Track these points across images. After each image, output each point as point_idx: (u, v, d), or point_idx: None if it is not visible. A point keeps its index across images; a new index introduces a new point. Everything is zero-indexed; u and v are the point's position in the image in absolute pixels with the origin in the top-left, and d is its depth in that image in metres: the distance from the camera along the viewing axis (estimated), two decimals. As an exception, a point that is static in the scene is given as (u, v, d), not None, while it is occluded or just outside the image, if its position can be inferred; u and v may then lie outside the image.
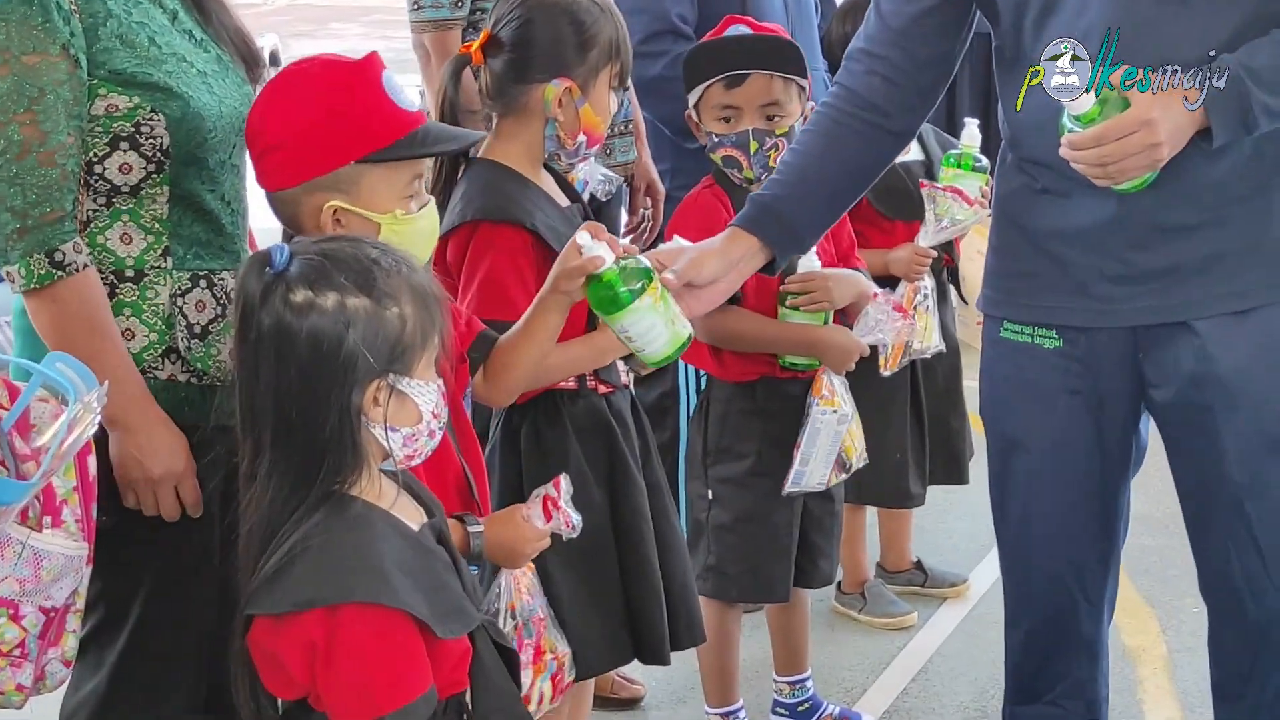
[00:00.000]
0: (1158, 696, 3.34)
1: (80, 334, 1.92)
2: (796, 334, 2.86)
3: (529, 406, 2.40)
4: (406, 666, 1.64)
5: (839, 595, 3.78)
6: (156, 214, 2.03)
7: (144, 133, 1.98)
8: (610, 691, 3.31)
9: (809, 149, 2.35)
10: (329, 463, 1.67)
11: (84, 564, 1.80)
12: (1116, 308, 2.19)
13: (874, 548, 3.91)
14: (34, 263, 1.90)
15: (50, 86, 1.90)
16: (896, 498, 3.63)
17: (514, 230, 2.34)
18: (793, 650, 3.20)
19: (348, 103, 1.96)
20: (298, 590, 1.62)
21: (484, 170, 2.44)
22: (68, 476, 1.77)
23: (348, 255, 1.70)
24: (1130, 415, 2.29)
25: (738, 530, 2.92)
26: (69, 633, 1.84)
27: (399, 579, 1.64)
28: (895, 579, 3.86)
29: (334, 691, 1.63)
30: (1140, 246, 2.14)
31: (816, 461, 2.86)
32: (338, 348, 1.65)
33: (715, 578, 2.95)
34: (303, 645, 1.63)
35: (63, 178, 1.92)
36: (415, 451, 1.74)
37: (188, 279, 2.06)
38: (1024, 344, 2.28)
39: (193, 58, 2.06)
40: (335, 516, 1.67)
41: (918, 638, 3.64)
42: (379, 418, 1.68)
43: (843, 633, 3.69)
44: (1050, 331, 2.25)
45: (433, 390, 1.73)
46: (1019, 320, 2.29)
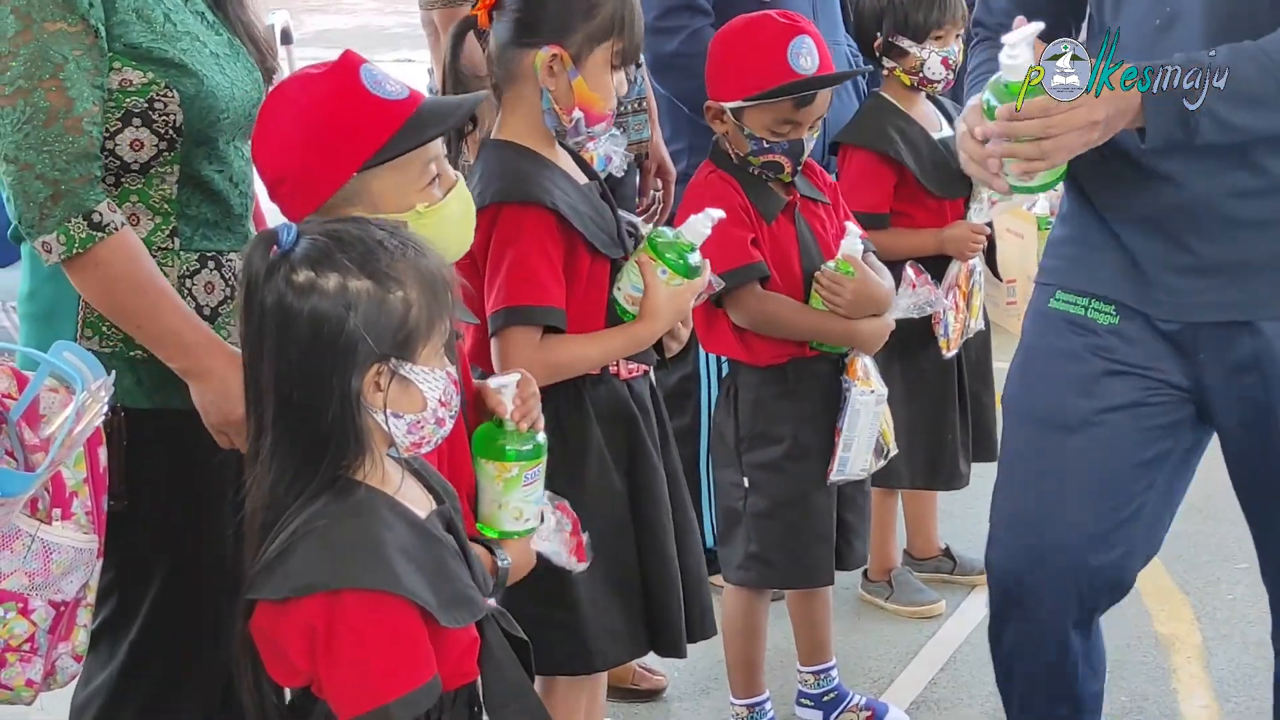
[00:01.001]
0: (1191, 685, 3.33)
1: (130, 293, 1.93)
2: (834, 324, 2.87)
3: (551, 390, 2.41)
4: (408, 654, 1.65)
5: (865, 583, 3.77)
6: (165, 194, 2.04)
7: (157, 109, 1.99)
8: (632, 682, 3.32)
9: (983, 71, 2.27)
10: (333, 447, 1.67)
11: (94, 557, 1.82)
12: (1180, 300, 2.16)
13: (900, 535, 3.91)
14: (73, 227, 1.90)
15: (71, 55, 1.91)
16: (951, 479, 3.64)
17: (537, 211, 2.34)
18: (816, 640, 3.19)
19: (331, 117, 1.91)
20: (299, 575, 1.63)
21: (498, 150, 2.44)
22: (78, 468, 1.79)
23: (354, 237, 1.69)
24: (1174, 407, 2.23)
25: (778, 516, 2.92)
26: (80, 627, 1.85)
27: (402, 565, 1.65)
28: (922, 566, 3.85)
29: (334, 679, 1.64)
30: (1208, 238, 2.11)
31: (859, 446, 2.87)
32: (339, 330, 1.65)
33: (758, 566, 2.95)
34: (304, 631, 1.63)
35: (90, 145, 1.93)
36: (421, 439, 1.73)
37: (195, 260, 2.07)
38: (1076, 316, 2.23)
39: (205, 38, 2.07)
40: (338, 502, 1.67)
41: (946, 626, 3.62)
42: (380, 403, 1.68)
43: (869, 621, 3.68)
44: (1109, 307, 2.20)
45: (439, 378, 1.72)
46: (1076, 290, 2.24)
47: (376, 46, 13.02)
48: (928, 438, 3.52)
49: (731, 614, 3.06)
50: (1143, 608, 3.61)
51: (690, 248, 2.39)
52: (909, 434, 3.39)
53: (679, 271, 2.37)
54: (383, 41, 14.15)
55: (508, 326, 2.33)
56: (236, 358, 1.86)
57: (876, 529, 3.57)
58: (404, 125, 1.92)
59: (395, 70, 2.06)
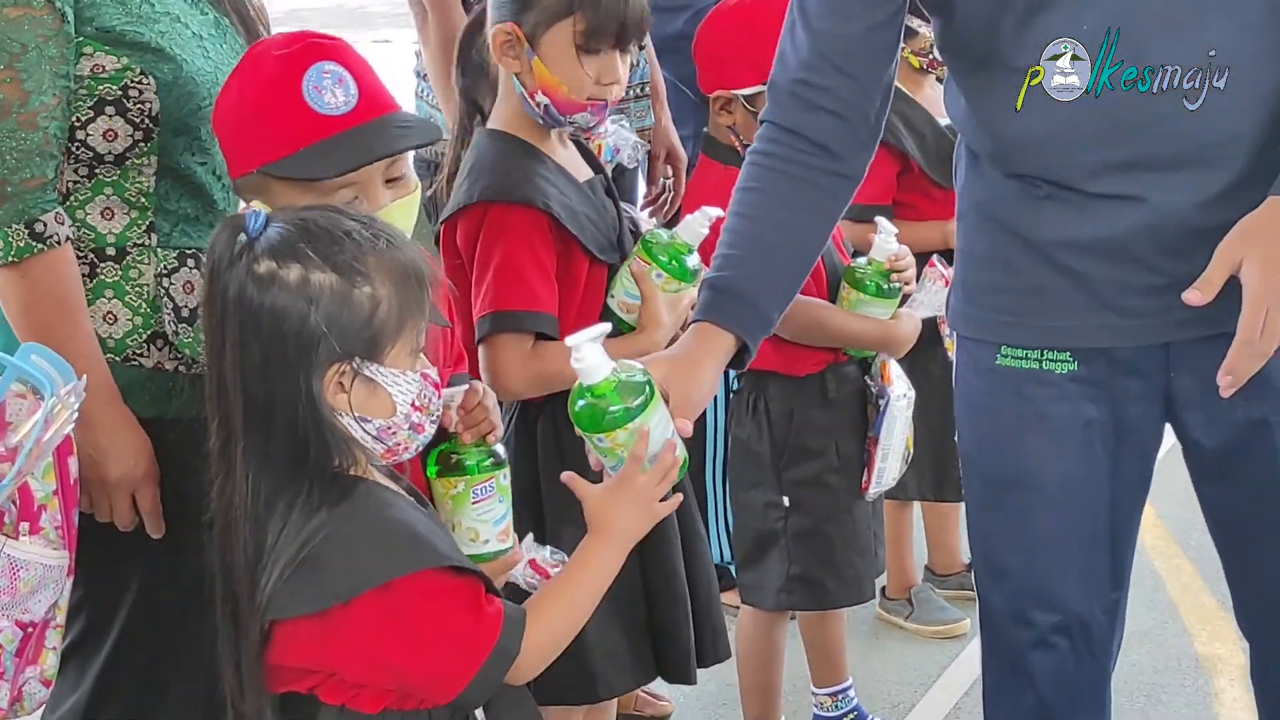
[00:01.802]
0: (1234, 709, 3.31)
1: (51, 315, 1.91)
2: (874, 330, 2.87)
3: (547, 401, 2.38)
4: (475, 616, 1.67)
5: (883, 601, 3.75)
6: (142, 187, 2.02)
7: (132, 97, 1.97)
8: (634, 708, 3.30)
9: (759, 212, 2.14)
10: (313, 451, 1.66)
11: (64, 575, 1.79)
12: (1147, 322, 2.09)
13: (921, 550, 3.90)
14: (12, 234, 1.88)
15: (33, 42, 1.88)
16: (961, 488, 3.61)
17: (526, 211, 2.32)
18: (830, 659, 3.18)
19: (255, 106, 1.91)
20: (337, 581, 1.62)
21: (489, 141, 2.42)
22: (46, 479, 1.76)
23: (321, 227, 1.68)
24: (1152, 444, 2.20)
25: (822, 533, 2.91)
26: (48, 650, 1.82)
27: (440, 538, 1.69)
28: (945, 583, 3.83)
29: (423, 668, 1.66)
30: (1175, 253, 2.04)
31: (893, 455, 2.88)
32: (299, 326, 1.64)
33: (805, 588, 2.94)
34: (356, 638, 1.63)
35: (45, 142, 1.90)
36: (396, 446, 1.72)
37: (174, 258, 2.05)
38: (1030, 370, 2.15)
39: (188, 19, 2.05)
40: (347, 502, 1.67)
41: (970, 647, 3.56)
42: (343, 405, 1.67)
43: (888, 642, 3.66)
44: (1064, 354, 2.13)
45: (411, 380, 1.70)
46: (1024, 345, 2.16)
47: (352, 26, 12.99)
48: (935, 445, 3.48)
49: (749, 636, 3.05)
50: (1183, 628, 3.62)
51: (687, 249, 2.36)
52: (916, 442, 3.37)
53: (675, 275, 2.35)
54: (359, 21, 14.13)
55: (495, 333, 2.31)
56: (129, 418, 1.93)
57: (892, 544, 3.56)
58: (313, 145, 1.90)
59: (373, 52, 2.05)
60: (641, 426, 1.79)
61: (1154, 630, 2.52)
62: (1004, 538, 2.23)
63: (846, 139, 2.13)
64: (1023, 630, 2.21)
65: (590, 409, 1.80)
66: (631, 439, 1.79)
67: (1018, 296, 2.15)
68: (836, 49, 2.09)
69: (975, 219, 2.22)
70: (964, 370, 2.27)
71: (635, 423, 1.79)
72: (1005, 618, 2.23)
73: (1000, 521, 2.23)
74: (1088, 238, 2.07)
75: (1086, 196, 2.05)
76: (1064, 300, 2.11)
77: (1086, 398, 2.13)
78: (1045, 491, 2.17)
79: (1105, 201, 2.04)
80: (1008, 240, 2.15)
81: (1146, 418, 2.16)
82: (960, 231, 2.26)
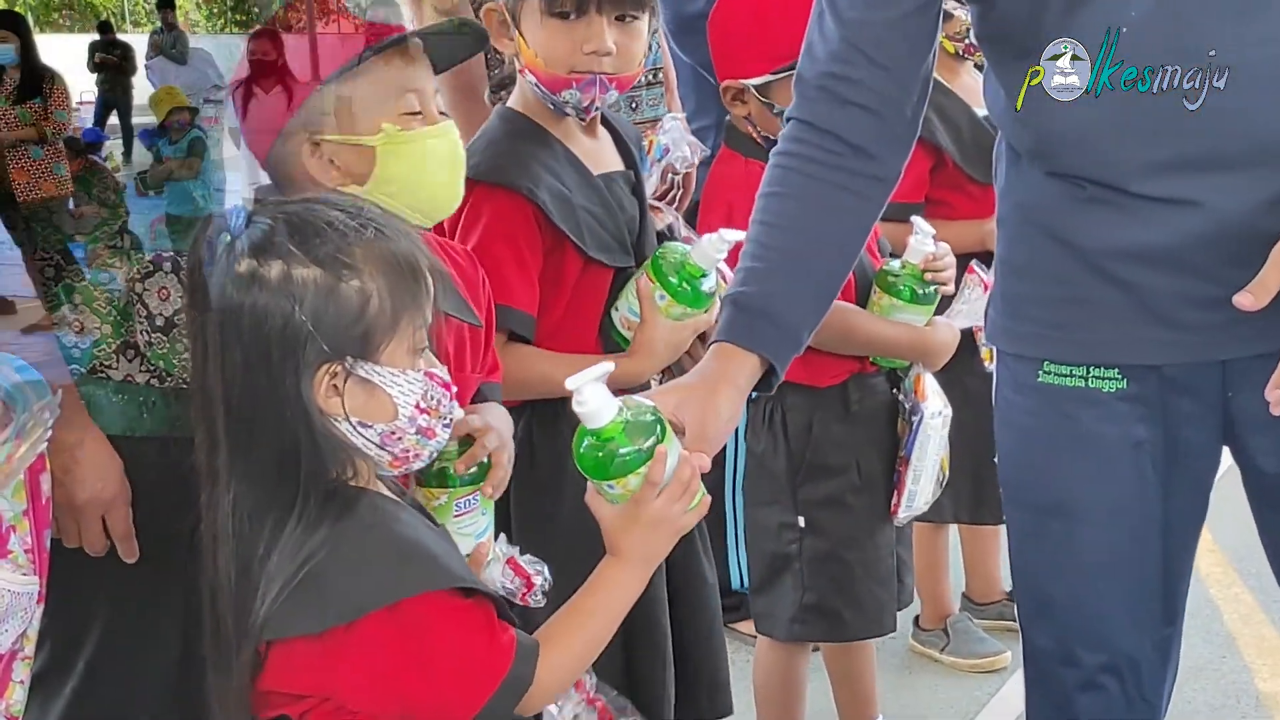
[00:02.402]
0: (1297, 750, 3.30)
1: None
2: (909, 337, 2.81)
3: (522, 407, 2.33)
4: (487, 641, 1.66)
5: (917, 632, 3.74)
6: (115, 184, 2.01)
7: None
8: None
9: (785, 220, 2.08)
10: (305, 462, 1.64)
11: (34, 602, 1.78)
12: (1203, 337, 2.04)
13: (957, 576, 3.86)
14: None
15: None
16: (1001, 511, 3.57)
17: (511, 196, 2.27)
18: (859, 694, 3.14)
19: None
20: (341, 599, 1.60)
21: (501, 120, 2.39)
22: (16, 499, 1.74)
23: (302, 219, 1.66)
24: (1208, 469, 2.16)
25: (840, 559, 2.85)
26: (15, 684, 1.80)
27: (453, 557, 1.69)
28: (984, 612, 3.81)
29: (430, 696, 1.64)
30: (1240, 262, 1.97)
31: (926, 477, 2.82)
32: (283, 326, 1.62)
33: (820, 618, 2.87)
34: (359, 662, 1.61)
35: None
36: (405, 453, 1.70)
37: (149, 262, 2.02)
38: (1075, 389, 2.11)
39: None
40: (349, 515, 1.64)
41: (1011, 683, 3.55)
42: (337, 409, 1.64)
43: (922, 676, 3.64)
44: (1113, 371, 2.09)
45: (413, 380, 1.68)
46: (1068, 361, 2.12)
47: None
48: (972, 463, 3.43)
49: (768, 670, 3.00)
50: (1242, 663, 3.61)
51: (700, 273, 2.30)
52: (950, 459, 3.32)
53: (681, 300, 2.29)
54: None
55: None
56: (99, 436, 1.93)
57: (926, 570, 3.53)
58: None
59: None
60: (654, 468, 1.74)
61: (1211, 664, 2.49)
62: (1048, 570, 2.18)
63: (881, 137, 2.07)
64: (1068, 670, 2.16)
65: (597, 455, 1.75)
66: (643, 484, 1.75)
67: (1062, 308, 2.10)
68: (869, 38, 2.03)
69: (1016, 224, 2.17)
70: (1004, 388, 2.23)
71: (647, 467, 1.74)
72: (1050, 656, 2.19)
73: (1044, 552, 2.18)
74: (1139, 245, 2.02)
75: (1136, 199, 2.00)
76: (1112, 313, 2.06)
77: (1136, 418, 2.08)
78: (1092, 519, 2.12)
79: (1157, 205, 1.99)
80: (1051, 247, 2.10)
81: (1202, 440, 2.11)
82: (1000, 238, 2.21)
